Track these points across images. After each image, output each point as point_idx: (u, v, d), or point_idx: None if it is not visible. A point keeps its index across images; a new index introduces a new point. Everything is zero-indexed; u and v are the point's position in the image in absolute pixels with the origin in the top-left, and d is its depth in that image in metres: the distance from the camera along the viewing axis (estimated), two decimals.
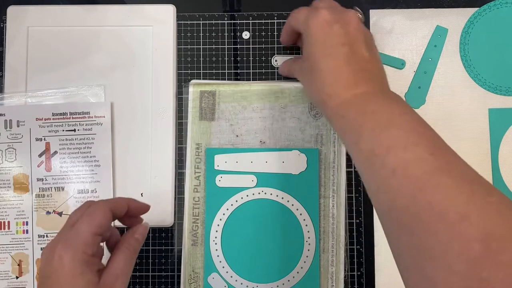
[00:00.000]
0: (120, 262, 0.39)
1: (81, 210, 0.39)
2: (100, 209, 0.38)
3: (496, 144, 0.52)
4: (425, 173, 0.32)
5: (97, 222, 0.37)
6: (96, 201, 0.39)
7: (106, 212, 0.38)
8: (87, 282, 0.35)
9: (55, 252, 0.35)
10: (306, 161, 0.51)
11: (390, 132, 0.34)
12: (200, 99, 0.52)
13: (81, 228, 0.37)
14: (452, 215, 0.29)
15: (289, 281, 0.50)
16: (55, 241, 0.37)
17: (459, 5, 0.54)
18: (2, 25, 0.53)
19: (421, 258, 0.31)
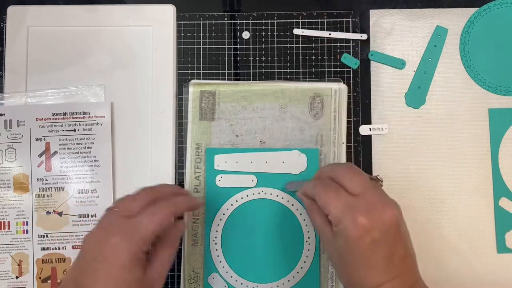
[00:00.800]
0: (165, 258, 0.40)
1: (140, 202, 0.39)
2: (165, 211, 0.39)
3: (496, 144, 0.52)
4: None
5: (159, 223, 0.38)
6: (161, 201, 0.39)
7: (169, 214, 0.39)
8: (134, 277, 0.36)
9: (111, 239, 0.36)
10: (306, 161, 0.51)
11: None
12: (200, 99, 0.52)
13: (142, 224, 0.37)
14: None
15: (289, 281, 0.50)
16: (112, 228, 0.37)
17: (459, 5, 0.54)
18: (2, 25, 0.53)
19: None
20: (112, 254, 0.36)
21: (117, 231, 0.37)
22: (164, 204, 0.39)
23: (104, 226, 0.38)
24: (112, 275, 0.36)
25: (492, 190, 0.52)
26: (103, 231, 0.38)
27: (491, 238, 0.51)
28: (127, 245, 0.36)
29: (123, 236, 0.36)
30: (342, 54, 0.53)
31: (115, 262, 0.36)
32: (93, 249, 0.37)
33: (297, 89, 0.52)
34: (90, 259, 0.37)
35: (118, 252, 0.36)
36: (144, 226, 0.37)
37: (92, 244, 0.37)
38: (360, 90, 0.53)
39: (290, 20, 0.54)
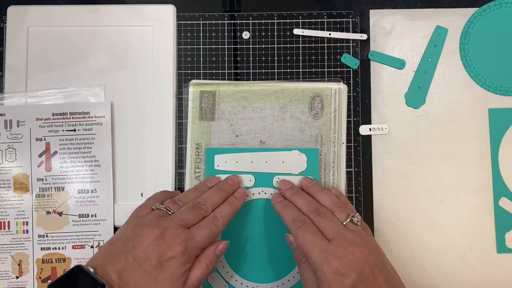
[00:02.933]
0: (198, 275, 0.41)
1: (196, 213, 0.43)
2: (219, 234, 0.43)
3: (496, 144, 0.52)
4: None
5: (210, 238, 0.42)
6: (218, 221, 0.43)
7: (220, 228, 0.43)
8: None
9: (173, 247, 0.39)
10: (306, 161, 0.51)
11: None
12: (200, 99, 0.52)
13: (200, 242, 0.41)
14: None
15: (289, 281, 0.50)
16: (174, 236, 0.40)
17: (459, 5, 0.54)
18: (2, 25, 0.53)
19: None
20: (169, 264, 0.39)
21: (179, 241, 0.40)
22: (222, 225, 0.43)
23: (163, 228, 0.40)
24: (160, 283, 0.38)
25: (492, 190, 0.52)
26: (163, 235, 0.40)
27: (491, 238, 0.51)
28: (185, 258, 0.40)
29: (184, 249, 0.40)
30: (342, 54, 0.53)
31: (168, 271, 0.39)
32: (150, 249, 0.39)
33: (297, 89, 0.52)
34: (143, 259, 0.39)
35: (176, 263, 0.39)
36: (201, 242, 0.41)
37: (149, 243, 0.39)
38: (360, 90, 0.53)
39: (290, 20, 0.54)
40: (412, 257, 0.51)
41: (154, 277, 0.38)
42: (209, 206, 0.44)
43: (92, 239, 0.51)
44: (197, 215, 0.43)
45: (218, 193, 0.46)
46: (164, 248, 0.39)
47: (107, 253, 0.41)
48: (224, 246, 0.44)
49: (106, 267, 0.39)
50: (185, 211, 0.43)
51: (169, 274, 0.39)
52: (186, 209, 0.43)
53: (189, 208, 0.43)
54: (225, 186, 0.48)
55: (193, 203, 0.44)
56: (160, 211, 0.43)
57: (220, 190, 0.47)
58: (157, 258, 0.39)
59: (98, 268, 0.39)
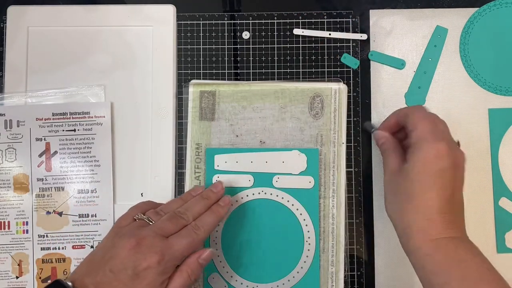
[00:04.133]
0: (178, 285, 0.40)
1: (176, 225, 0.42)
2: (201, 243, 0.42)
3: (496, 144, 0.52)
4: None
5: (190, 247, 0.41)
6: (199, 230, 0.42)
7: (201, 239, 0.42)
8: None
9: (148, 257, 0.38)
10: (306, 161, 0.51)
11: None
12: (200, 99, 0.52)
13: (178, 251, 0.40)
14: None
15: (289, 281, 0.50)
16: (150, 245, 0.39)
17: (459, 5, 0.54)
18: (2, 25, 0.53)
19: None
20: (145, 274, 0.38)
21: (156, 250, 0.39)
22: (203, 237, 0.42)
23: (140, 238, 0.39)
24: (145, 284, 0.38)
25: (492, 190, 0.52)
26: (139, 245, 0.39)
27: (491, 238, 0.51)
28: (161, 268, 0.38)
29: (160, 258, 0.38)
30: (342, 54, 0.53)
31: (144, 282, 0.38)
32: (126, 260, 0.38)
33: (297, 89, 0.52)
34: (119, 269, 0.38)
35: (152, 273, 0.38)
36: (179, 252, 0.40)
37: (125, 253, 0.39)
38: (360, 90, 0.53)
39: (290, 20, 0.54)
40: None
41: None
42: (189, 215, 0.43)
43: (92, 239, 0.51)
44: (176, 224, 0.42)
45: (201, 201, 0.45)
46: (139, 258, 0.38)
47: (87, 264, 0.40)
48: (208, 255, 0.42)
49: (85, 279, 0.38)
50: (164, 220, 0.42)
51: (145, 285, 0.38)
52: (165, 218, 0.42)
53: (169, 217, 0.42)
54: (209, 194, 0.46)
55: (173, 212, 0.43)
56: (141, 221, 0.42)
57: (203, 199, 0.45)
58: (133, 268, 0.38)
59: (76, 281, 0.38)
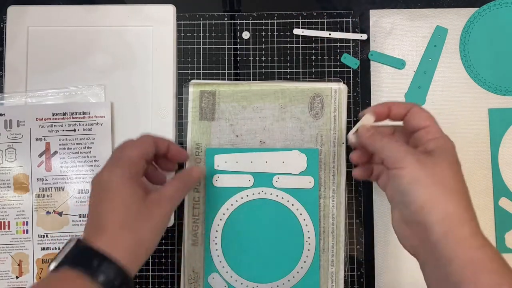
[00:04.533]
0: (169, 187, 0.43)
1: (128, 143, 0.44)
2: (145, 137, 0.44)
3: (496, 144, 0.52)
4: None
5: (142, 147, 0.43)
6: (142, 134, 0.45)
7: (149, 140, 0.44)
8: (134, 192, 0.40)
9: (105, 170, 0.41)
10: (306, 161, 0.51)
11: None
12: (200, 99, 0.52)
13: (127, 152, 0.42)
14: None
15: (289, 281, 0.50)
16: (106, 164, 0.42)
17: (459, 5, 0.54)
18: (2, 25, 0.53)
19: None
20: (109, 179, 0.40)
21: (110, 163, 0.42)
22: (145, 135, 0.44)
23: (103, 166, 0.42)
24: (116, 195, 0.39)
25: (492, 190, 0.52)
26: (101, 170, 0.41)
27: (491, 238, 0.51)
28: (118, 169, 0.41)
29: (115, 164, 0.41)
30: (342, 54, 0.53)
31: (113, 184, 0.40)
32: (96, 185, 0.41)
33: (297, 89, 0.52)
34: (95, 195, 0.40)
35: (113, 176, 0.40)
36: (128, 152, 0.42)
37: (94, 182, 0.41)
38: (360, 90, 0.53)
39: (290, 20, 0.54)
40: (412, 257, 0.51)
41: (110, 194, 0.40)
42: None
43: None
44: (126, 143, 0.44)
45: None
46: (100, 174, 0.41)
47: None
48: (200, 170, 0.46)
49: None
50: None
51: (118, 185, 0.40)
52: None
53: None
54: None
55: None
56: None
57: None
58: (100, 184, 0.40)
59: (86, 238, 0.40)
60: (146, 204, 0.40)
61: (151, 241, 0.41)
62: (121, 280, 0.37)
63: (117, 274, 0.37)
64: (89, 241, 0.38)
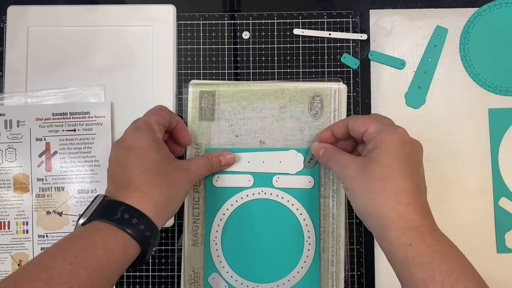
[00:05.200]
0: (200, 160, 0.47)
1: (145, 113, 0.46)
2: (160, 106, 0.46)
3: (496, 144, 0.52)
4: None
5: (161, 114, 0.45)
6: (158, 105, 0.47)
7: (165, 109, 0.46)
8: (162, 155, 0.42)
9: (129, 134, 0.42)
10: (303, 161, 0.51)
11: (466, 284, 0.35)
12: (199, 99, 0.52)
13: (148, 118, 0.44)
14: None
15: (289, 281, 0.50)
16: (126, 131, 0.43)
17: (459, 5, 0.54)
18: (2, 25, 0.54)
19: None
20: (135, 141, 0.41)
21: (130, 130, 0.43)
22: (160, 105, 0.46)
23: (123, 135, 0.44)
24: (145, 155, 0.41)
25: (492, 190, 0.52)
26: (122, 136, 0.43)
27: (491, 238, 0.51)
28: (143, 133, 0.42)
29: (136, 129, 0.42)
30: (342, 54, 0.53)
31: (142, 146, 0.41)
32: (119, 148, 0.42)
33: (297, 89, 0.52)
34: (120, 157, 0.41)
35: (138, 138, 0.42)
36: (147, 119, 0.44)
37: (117, 146, 0.42)
38: (360, 90, 0.53)
39: (290, 20, 0.54)
40: None
41: (135, 154, 0.41)
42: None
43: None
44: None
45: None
46: (123, 139, 0.43)
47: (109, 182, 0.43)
48: (231, 156, 0.49)
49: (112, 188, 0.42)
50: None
51: (142, 146, 0.41)
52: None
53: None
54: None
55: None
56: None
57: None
58: (124, 146, 0.42)
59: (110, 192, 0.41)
60: (174, 168, 0.42)
61: (176, 203, 0.43)
62: (151, 232, 0.38)
63: (148, 226, 0.38)
64: (117, 198, 0.39)
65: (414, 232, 0.37)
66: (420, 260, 0.36)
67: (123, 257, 0.37)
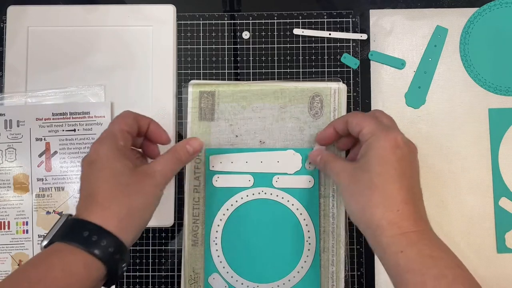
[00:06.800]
0: (161, 159, 0.42)
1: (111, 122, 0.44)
2: (125, 112, 0.44)
3: (496, 144, 0.52)
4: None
5: (125, 121, 0.42)
6: (124, 111, 0.44)
7: (130, 115, 0.43)
8: (122, 164, 0.39)
9: (92, 148, 0.40)
10: (301, 161, 0.51)
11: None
12: (199, 99, 0.52)
13: (111, 127, 0.42)
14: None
15: (289, 281, 0.50)
16: (92, 144, 0.41)
17: (459, 5, 0.54)
18: (2, 25, 0.53)
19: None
20: (97, 155, 0.40)
21: (95, 143, 0.41)
22: (126, 111, 0.44)
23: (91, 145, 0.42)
24: (104, 166, 0.39)
25: (492, 190, 0.52)
26: (90, 149, 0.41)
27: (491, 238, 0.51)
28: (104, 144, 0.40)
29: (100, 141, 0.41)
30: (342, 54, 0.53)
31: (101, 158, 0.39)
32: (85, 163, 0.40)
33: (297, 89, 0.52)
34: (85, 172, 0.40)
35: (100, 151, 0.40)
36: (112, 127, 0.42)
37: (84, 161, 0.41)
38: (360, 90, 0.53)
39: (290, 20, 0.54)
40: None
41: (99, 167, 0.39)
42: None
43: None
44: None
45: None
46: (90, 153, 0.41)
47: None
48: (197, 143, 0.44)
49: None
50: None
51: (106, 158, 0.40)
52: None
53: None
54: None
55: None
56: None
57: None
58: (90, 160, 0.40)
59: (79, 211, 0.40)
60: (137, 175, 0.40)
61: (144, 213, 0.40)
62: (115, 249, 0.36)
63: (110, 242, 0.36)
64: (81, 215, 0.37)
65: (404, 238, 0.37)
66: (411, 267, 0.36)
67: (86, 277, 0.35)
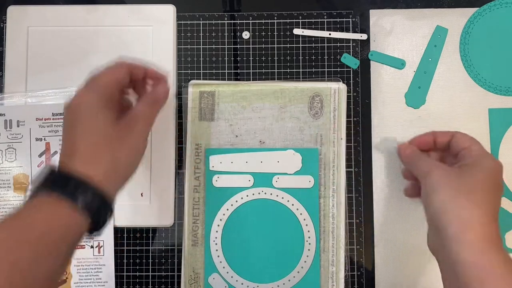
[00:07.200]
0: (140, 105, 0.42)
1: (102, 69, 0.43)
2: (119, 64, 0.43)
3: (496, 144, 0.52)
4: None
5: (115, 74, 0.42)
6: (118, 60, 0.43)
7: (124, 67, 0.42)
8: (106, 115, 0.39)
9: (77, 95, 0.40)
10: (301, 161, 0.51)
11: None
12: (199, 99, 0.52)
13: (100, 78, 0.41)
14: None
15: (289, 281, 0.50)
16: (78, 89, 0.40)
17: (459, 5, 0.54)
18: (2, 25, 0.54)
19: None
20: (80, 102, 0.39)
21: (81, 89, 0.40)
22: (120, 61, 0.43)
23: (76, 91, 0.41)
24: (88, 117, 0.39)
25: None
26: (71, 97, 0.40)
27: None
28: (90, 92, 0.40)
29: (86, 88, 0.40)
30: (342, 54, 0.53)
31: (85, 108, 0.39)
32: (67, 111, 0.40)
33: (297, 89, 0.52)
34: (67, 120, 0.39)
35: (84, 98, 0.39)
36: (101, 78, 0.41)
37: (66, 108, 0.40)
38: (360, 90, 0.53)
39: (290, 20, 0.54)
40: (412, 257, 0.51)
41: (82, 116, 0.39)
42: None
43: (92, 239, 0.51)
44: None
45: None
46: (73, 100, 0.40)
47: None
48: (162, 88, 0.44)
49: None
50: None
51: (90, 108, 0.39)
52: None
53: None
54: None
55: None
56: None
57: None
58: (73, 108, 0.39)
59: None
60: (120, 125, 0.40)
61: (129, 162, 0.40)
62: (100, 202, 0.36)
63: (95, 195, 0.36)
64: (64, 167, 0.37)
65: (495, 243, 0.37)
66: (495, 272, 0.36)
67: (70, 229, 0.35)
